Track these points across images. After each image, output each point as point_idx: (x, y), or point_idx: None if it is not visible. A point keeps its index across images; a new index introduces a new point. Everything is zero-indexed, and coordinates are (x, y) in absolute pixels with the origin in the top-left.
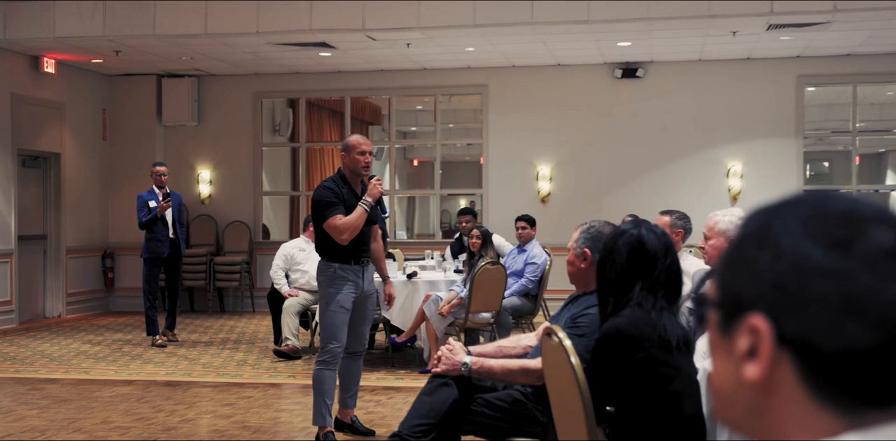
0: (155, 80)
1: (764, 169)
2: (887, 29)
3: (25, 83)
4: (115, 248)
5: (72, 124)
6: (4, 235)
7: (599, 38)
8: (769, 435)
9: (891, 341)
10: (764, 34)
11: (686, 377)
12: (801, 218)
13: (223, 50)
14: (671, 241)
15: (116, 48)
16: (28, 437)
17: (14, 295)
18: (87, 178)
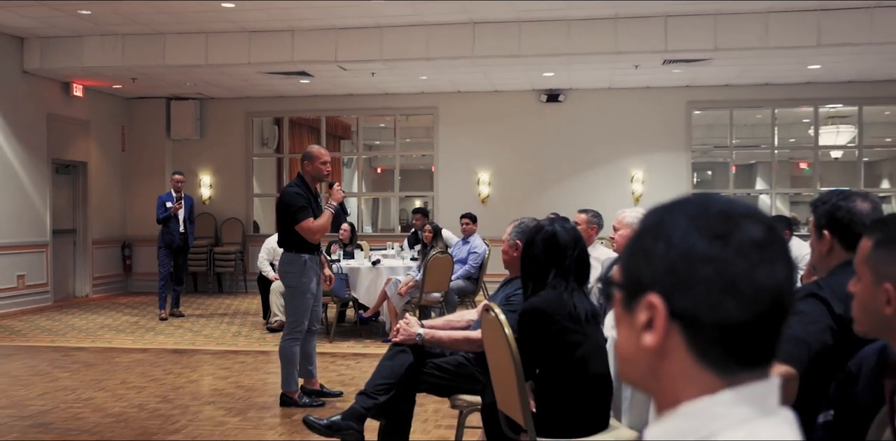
0: (164, 102)
1: (660, 176)
2: (757, 65)
3: (58, 105)
4: (132, 239)
5: (96, 138)
6: (41, 230)
7: (528, 69)
8: (663, 391)
9: (759, 315)
10: (660, 68)
11: (593, 344)
12: (689, 215)
13: (220, 77)
14: (580, 235)
15: (133, 76)
16: (62, 394)
17: (49, 278)
18: (108, 182)
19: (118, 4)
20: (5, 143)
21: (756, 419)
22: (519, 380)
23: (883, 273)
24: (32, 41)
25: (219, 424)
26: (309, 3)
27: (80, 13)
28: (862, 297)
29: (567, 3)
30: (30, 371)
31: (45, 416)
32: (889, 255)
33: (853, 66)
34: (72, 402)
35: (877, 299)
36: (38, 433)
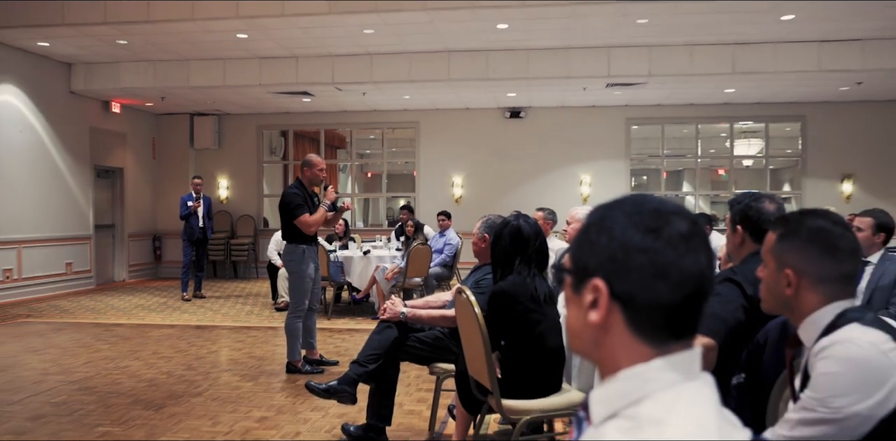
0: (188, 118)
1: (603, 180)
2: (684, 88)
3: (99, 119)
4: (161, 233)
5: (131, 148)
6: (85, 225)
7: (494, 91)
8: (605, 360)
9: (685, 296)
10: (603, 90)
11: (550, 321)
12: (627, 212)
13: (236, 96)
14: (541, 229)
15: (162, 95)
16: (104, 362)
17: (92, 266)
18: (141, 185)
19: (150, 35)
20: (55, 152)
21: (682, 382)
22: (486, 351)
23: (784, 261)
24: (78, 66)
25: (235, 388)
26: (310, 34)
27: (118, 43)
28: (767, 281)
29: (526, 35)
30: (76, 343)
31: (89, 381)
32: (789, 246)
33: (761, 90)
34: (111, 370)
35: (779, 283)
36: (83, 395)
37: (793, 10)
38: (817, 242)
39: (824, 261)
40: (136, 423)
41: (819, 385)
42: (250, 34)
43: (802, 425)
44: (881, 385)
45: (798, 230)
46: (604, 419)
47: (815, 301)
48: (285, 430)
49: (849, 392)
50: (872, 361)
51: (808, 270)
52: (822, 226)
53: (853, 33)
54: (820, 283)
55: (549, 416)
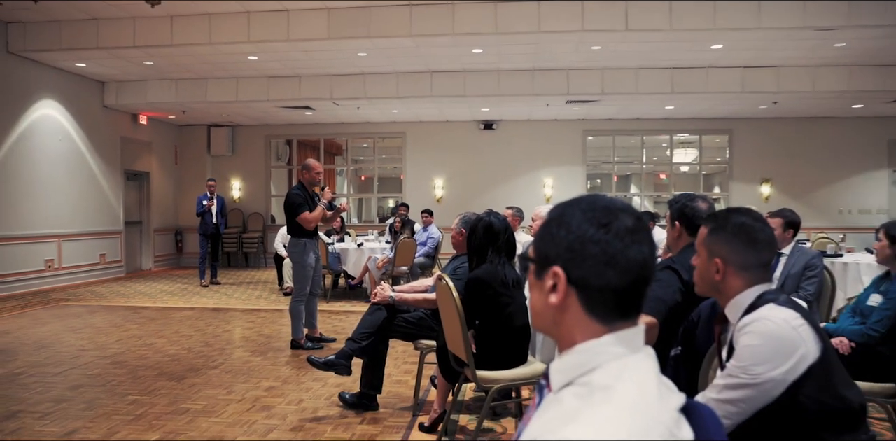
0: (206, 128)
1: (564, 183)
2: (631, 104)
3: (129, 130)
4: (182, 228)
5: (157, 155)
6: (116, 221)
7: (471, 105)
8: (563, 336)
9: (631, 281)
10: (564, 106)
11: (518, 303)
12: (582, 209)
13: (247, 110)
14: (509, 223)
15: (183, 109)
16: (132, 340)
17: (123, 256)
18: (165, 186)
19: (173, 57)
20: (90, 158)
21: (628, 354)
22: (463, 329)
23: (714, 251)
24: (111, 84)
25: (246, 362)
26: (311, 56)
27: (145, 64)
28: (699, 268)
29: (498, 58)
30: (109, 324)
31: (120, 356)
32: (718, 239)
33: (696, 107)
34: (139, 346)
35: (709, 270)
36: (114, 368)
37: (721, 41)
38: (741, 236)
39: (747, 251)
40: (161, 393)
41: (741, 355)
42: (259, 56)
43: (728, 389)
44: (791, 354)
45: (725, 225)
46: (561, 386)
47: (739, 285)
48: (290, 397)
49: (765, 361)
50: (784, 335)
51: (734, 259)
52: (744, 221)
53: (770, 61)
54: (743, 270)
55: (516, 385)
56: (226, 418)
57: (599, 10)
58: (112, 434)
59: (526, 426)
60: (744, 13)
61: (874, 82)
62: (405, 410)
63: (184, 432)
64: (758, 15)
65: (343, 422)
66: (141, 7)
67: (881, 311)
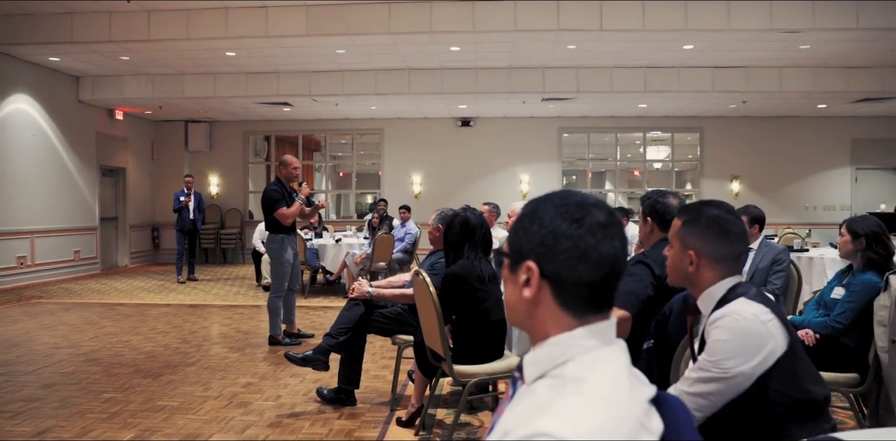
0: (183, 124)
1: (539, 179)
2: (605, 103)
3: (105, 125)
4: (159, 224)
5: (133, 150)
6: (91, 217)
7: (448, 103)
8: (536, 329)
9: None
10: (539, 103)
11: (494, 298)
12: (555, 204)
13: (225, 106)
14: (486, 219)
15: (160, 104)
16: (108, 337)
17: (98, 253)
18: (142, 182)
19: (150, 52)
20: (64, 154)
21: (600, 347)
22: (440, 324)
23: (687, 243)
24: (86, 79)
25: (223, 358)
26: (290, 53)
27: (121, 59)
28: (673, 260)
29: (475, 56)
30: (83, 321)
31: (95, 354)
32: (691, 231)
33: (668, 105)
34: (115, 343)
35: (683, 261)
36: (89, 366)
37: (692, 42)
38: (714, 228)
39: (720, 243)
40: (137, 390)
41: (713, 350)
42: (238, 52)
43: (699, 382)
44: (760, 349)
45: (699, 218)
46: (535, 378)
47: (711, 277)
48: (268, 393)
49: (735, 355)
50: (754, 330)
51: (707, 251)
52: (718, 214)
53: (739, 62)
54: (716, 262)
55: (493, 379)
56: (202, 415)
57: (574, 10)
58: (86, 432)
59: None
60: (714, 15)
61: (838, 83)
62: (383, 405)
63: (160, 430)
64: (727, 17)
65: (321, 417)
66: (117, 1)
67: (844, 303)
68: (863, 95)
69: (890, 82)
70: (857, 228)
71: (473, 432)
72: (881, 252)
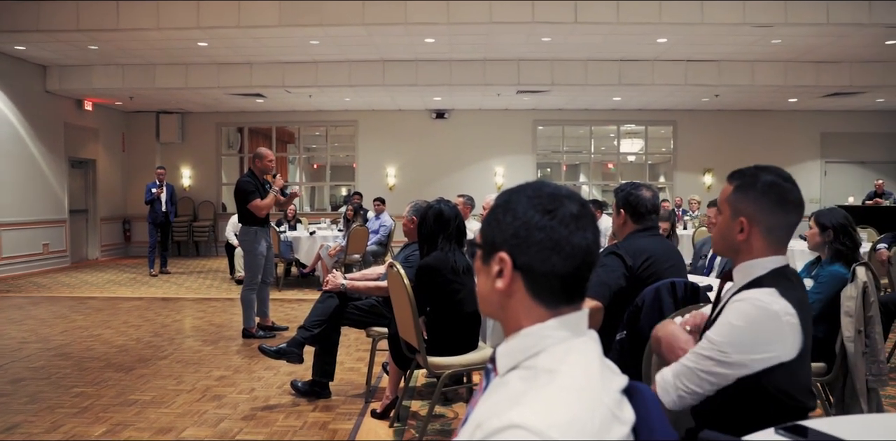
0: (155, 115)
1: (514, 172)
2: (580, 96)
3: (73, 116)
4: (130, 216)
5: (102, 142)
6: (60, 209)
7: (423, 95)
8: (509, 320)
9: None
10: (514, 96)
11: (468, 290)
12: (528, 196)
13: (197, 97)
14: (459, 211)
15: (131, 95)
16: (78, 331)
17: (67, 246)
18: (112, 174)
19: (120, 42)
20: (32, 145)
21: (572, 338)
22: (414, 316)
23: (739, 209)
24: (53, 68)
25: (196, 352)
26: (263, 44)
27: (89, 48)
28: (721, 228)
29: (450, 48)
30: (53, 315)
31: (65, 348)
32: (745, 197)
33: (642, 98)
34: (85, 337)
35: (732, 229)
36: (59, 360)
37: (665, 35)
38: (770, 195)
39: (775, 212)
40: (108, 384)
41: (720, 330)
42: (210, 42)
43: (701, 358)
44: (766, 346)
45: (755, 183)
46: (508, 370)
47: (761, 247)
48: (241, 386)
49: (738, 344)
50: (770, 327)
51: (760, 219)
52: (774, 180)
53: (712, 55)
54: (769, 232)
55: (467, 370)
56: (175, 408)
57: (549, 3)
58: (56, 428)
59: (473, 409)
60: (687, 9)
61: (808, 78)
62: (357, 397)
63: (132, 424)
64: (700, 11)
65: (295, 410)
66: None
67: (812, 294)
68: (832, 90)
69: (858, 77)
70: (825, 221)
71: (448, 424)
72: (848, 244)
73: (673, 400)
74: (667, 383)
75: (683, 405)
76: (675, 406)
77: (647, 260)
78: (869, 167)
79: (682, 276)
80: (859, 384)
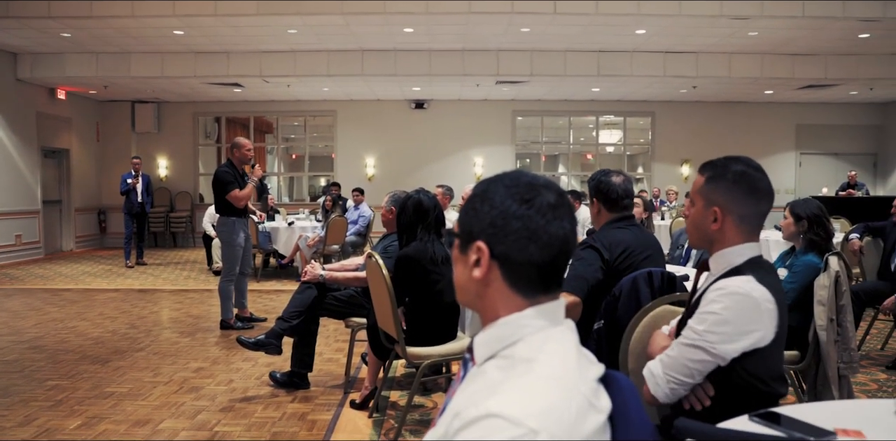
0: (130, 104)
1: (493, 162)
2: (559, 86)
3: (45, 105)
4: (106, 207)
5: (76, 131)
6: (33, 200)
7: (402, 85)
8: (486, 310)
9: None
10: (494, 86)
11: (447, 280)
12: (505, 185)
13: (173, 86)
14: (438, 201)
15: (105, 84)
16: (53, 323)
17: (41, 237)
18: (87, 164)
19: (93, 29)
20: (3, 135)
21: (549, 327)
22: (393, 306)
23: (711, 200)
24: (24, 56)
25: (174, 343)
26: (240, 32)
27: (62, 36)
28: (695, 218)
29: (429, 38)
30: (26, 307)
31: (38, 341)
32: (716, 187)
33: (621, 89)
34: (60, 330)
35: (706, 219)
36: (33, 353)
37: (644, 26)
38: (741, 184)
39: (746, 200)
40: (84, 377)
41: (702, 319)
42: (186, 31)
43: (685, 347)
44: (748, 333)
45: (725, 173)
46: (485, 359)
47: (734, 236)
48: (219, 378)
49: (721, 332)
50: (751, 314)
51: (732, 208)
52: (744, 170)
53: (690, 47)
54: (741, 221)
55: (446, 360)
56: (152, 401)
57: None
58: (29, 421)
59: (451, 399)
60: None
61: (784, 70)
62: (336, 388)
63: (108, 417)
64: (678, 2)
65: (274, 401)
66: None
67: (787, 283)
68: (807, 82)
69: (833, 70)
70: (800, 211)
71: (427, 414)
72: (822, 234)
73: (665, 393)
74: (656, 377)
75: (677, 396)
76: (669, 399)
77: (623, 252)
78: (842, 159)
79: (659, 265)
80: (831, 372)
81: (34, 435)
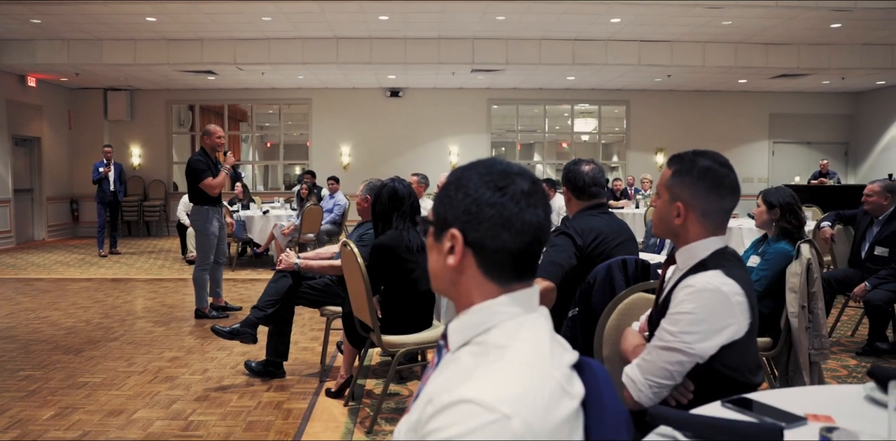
0: (102, 92)
1: (469, 151)
2: (534, 75)
3: (16, 92)
4: (78, 196)
5: (48, 119)
6: (4, 189)
7: (377, 73)
8: (461, 297)
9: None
10: (469, 74)
11: (422, 269)
12: (479, 173)
13: (146, 74)
14: (413, 189)
15: (77, 71)
16: (24, 313)
17: (12, 226)
18: (58, 153)
19: (64, 15)
20: None
21: (523, 314)
22: (368, 295)
23: (676, 194)
24: None
25: (148, 333)
26: (214, 19)
27: (31, 22)
28: (660, 211)
29: (404, 26)
30: None
31: (10, 331)
32: (681, 182)
33: (596, 78)
34: (32, 320)
35: (670, 213)
36: (5, 343)
37: (619, 15)
38: (706, 180)
39: (710, 197)
40: (57, 367)
41: (675, 320)
42: (159, 18)
43: (661, 350)
44: (722, 329)
45: (691, 169)
46: (459, 346)
47: (697, 232)
48: (194, 367)
49: (696, 331)
50: (723, 309)
51: (696, 204)
52: (710, 166)
53: (664, 36)
54: (704, 217)
55: (421, 348)
56: (126, 390)
57: None
58: (2, 411)
59: (425, 385)
60: None
61: (757, 59)
62: (312, 377)
63: (81, 407)
64: None
65: (249, 390)
66: None
67: (759, 271)
68: (781, 72)
69: (806, 59)
70: (772, 199)
71: (403, 402)
72: (794, 222)
73: (649, 397)
74: (637, 383)
75: (661, 398)
76: (653, 402)
77: (595, 239)
78: (814, 147)
79: (632, 252)
80: (802, 358)
81: (7, 425)
